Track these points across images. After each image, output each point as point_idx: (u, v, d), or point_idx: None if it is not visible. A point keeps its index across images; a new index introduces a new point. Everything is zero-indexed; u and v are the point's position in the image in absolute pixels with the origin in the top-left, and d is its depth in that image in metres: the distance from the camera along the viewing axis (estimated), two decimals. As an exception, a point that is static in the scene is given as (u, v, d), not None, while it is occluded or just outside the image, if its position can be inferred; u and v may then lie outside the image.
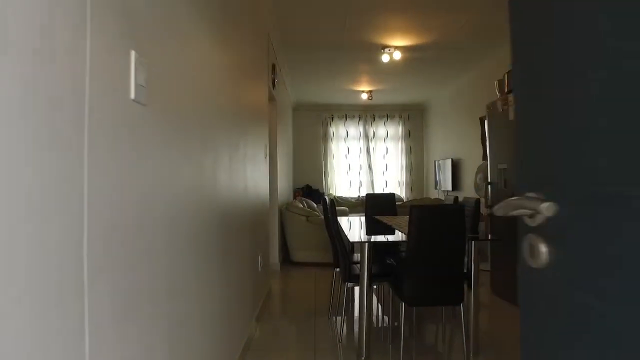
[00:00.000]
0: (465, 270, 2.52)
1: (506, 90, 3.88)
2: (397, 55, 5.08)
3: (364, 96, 7.51)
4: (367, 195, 4.50)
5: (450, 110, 7.24)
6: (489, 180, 4.07)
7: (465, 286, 2.50)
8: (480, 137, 5.91)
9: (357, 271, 2.93)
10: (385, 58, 5.13)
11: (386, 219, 3.74)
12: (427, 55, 5.36)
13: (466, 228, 2.36)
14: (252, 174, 3.05)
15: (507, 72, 3.87)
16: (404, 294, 2.41)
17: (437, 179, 7.82)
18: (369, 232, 3.09)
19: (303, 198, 6.53)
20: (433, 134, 8.37)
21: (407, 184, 8.94)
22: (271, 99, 5.00)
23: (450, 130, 7.28)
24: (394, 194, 4.53)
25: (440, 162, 7.62)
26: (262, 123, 3.67)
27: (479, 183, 5.38)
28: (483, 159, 5.80)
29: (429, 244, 2.32)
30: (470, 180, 6.37)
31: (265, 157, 3.82)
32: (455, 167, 6.98)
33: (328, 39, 4.82)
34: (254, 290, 3.08)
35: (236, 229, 2.46)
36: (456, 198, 3.17)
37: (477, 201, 3.85)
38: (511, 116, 3.60)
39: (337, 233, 3.00)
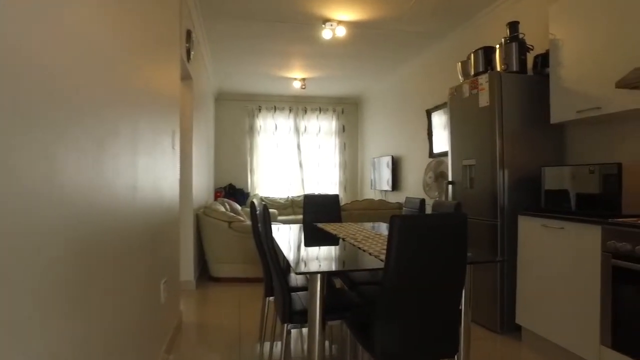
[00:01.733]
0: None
1: (473, 72, 3.28)
2: (341, 32, 4.31)
3: (297, 84, 6.68)
4: (306, 197, 3.66)
5: (392, 103, 6.67)
6: (450, 180, 3.45)
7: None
8: (427, 132, 5.37)
9: (300, 305, 2.08)
10: (326, 34, 4.34)
11: (331, 227, 2.94)
12: (373, 35, 4.67)
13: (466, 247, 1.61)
14: (148, 170, 2.07)
15: (474, 52, 3.27)
16: (376, 347, 1.61)
17: (373, 177, 7.24)
18: (309, 244, 2.26)
19: (225, 199, 5.52)
20: (370, 129, 7.78)
21: (340, 183, 8.27)
22: (185, 76, 3.97)
23: (391, 125, 6.71)
24: (337, 195, 3.75)
25: (377, 159, 7.04)
26: (169, 103, 2.67)
27: (429, 182, 4.82)
28: (430, 156, 5.27)
29: (418, 271, 1.54)
30: (413, 179, 5.82)
31: (173, 148, 2.82)
32: (396, 164, 6.42)
33: (259, 7, 3.90)
34: (154, 327, 2.11)
35: (117, 254, 1.49)
36: (458, 204, 2.50)
37: (422, 202, 3.21)
38: (483, 102, 2.99)
39: (271, 251, 2.13)
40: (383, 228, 2.97)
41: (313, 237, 2.72)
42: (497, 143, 2.90)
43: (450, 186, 3.46)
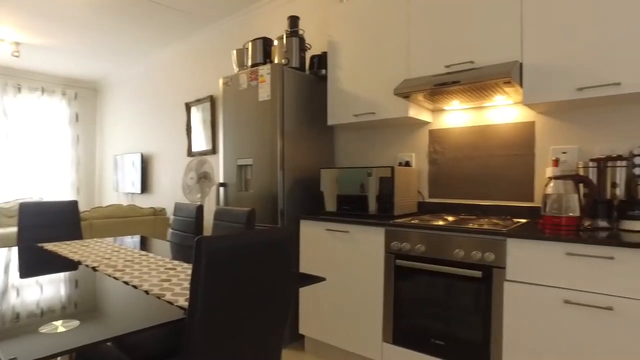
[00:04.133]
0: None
1: (250, 62, 2.98)
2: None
3: (7, 49, 4.91)
4: (23, 205, 2.56)
5: (143, 92, 5.74)
6: (222, 181, 3.05)
7: None
8: (185, 128, 4.80)
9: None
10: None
11: (68, 249, 2.07)
12: (125, 5, 3.78)
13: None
14: None
15: (252, 41, 2.97)
16: None
17: (116, 178, 6.11)
18: (26, 281, 1.44)
19: None
20: (113, 121, 6.54)
21: (72, 185, 6.65)
22: None
23: (141, 118, 5.77)
24: (75, 202, 2.78)
25: (121, 157, 5.96)
26: None
27: (190, 184, 4.27)
28: (189, 154, 4.73)
29: (239, 308, 1.07)
30: (168, 180, 5.14)
31: None
32: (146, 164, 5.56)
33: None
34: None
35: None
36: (252, 211, 2.01)
37: (200, 209, 2.77)
38: (263, 95, 2.72)
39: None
40: (157, 245, 2.30)
41: (34, 267, 1.81)
42: (278, 142, 2.68)
43: (221, 188, 3.07)
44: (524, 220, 2.16)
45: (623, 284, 1.52)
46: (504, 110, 2.39)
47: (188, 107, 4.76)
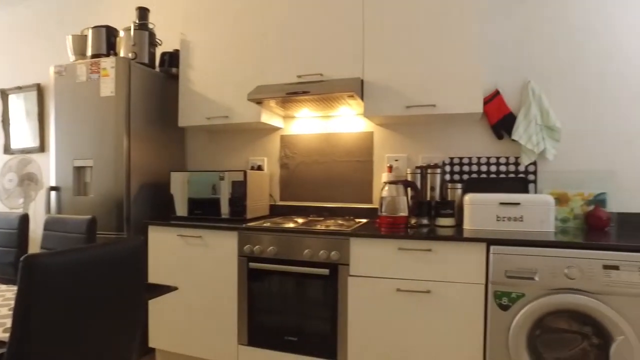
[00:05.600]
0: None
1: (90, 52, 2.66)
2: None
3: None
4: None
5: None
6: (54, 185, 2.67)
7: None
8: (1, 119, 4.03)
9: None
10: None
11: None
12: None
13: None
14: None
15: (94, 28, 2.66)
16: None
17: None
18: None
19: None
20: None
21: None
22: None
23: None
24: None
25: None
26: None
27: (10, 187, 3.61)
28: (6, 152, 3.99)
29: (72, 335, 0.97)
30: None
31: None
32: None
33: None
34: None
35: None
36: (93, 219, 1.72)
37: (24, 218, 2.41)
38: (106, 91, 2.46)
39: None
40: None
41: None
42: (124, 142, 2.47)
43: (53, 193, 2.68)
44: (365, 220, 2.42)
45: (438, 271, 1.84)
46: (348, 120, 2.64)
47: (4, 94, 4.02)
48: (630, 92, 2.17)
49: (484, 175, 2.36)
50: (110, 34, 2.68)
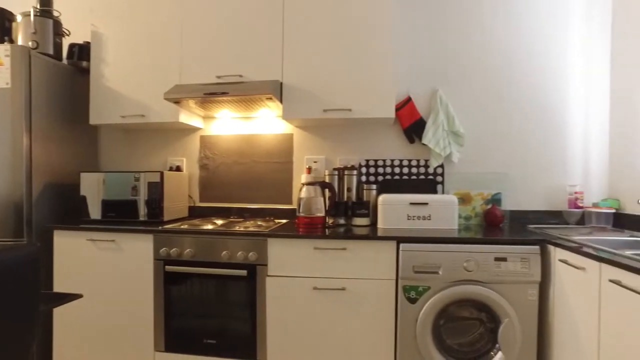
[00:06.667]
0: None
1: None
2: None
3: None
4: None
5: None
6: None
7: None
8: None
9: None
10: None
11: None
12: None
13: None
14: None
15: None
16: None
17: None
18: None
19: None
20: None
21: None
22: None
23: None
24: None
25: None
26: None
27: None
28: None
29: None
30: None
31: None
32: None
33: None
34: None
35: None
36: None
37: None
38: (1, 82, 2.24)
39: None
40: None
41: None
42: (23, 139, 2.26)
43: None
44: (284, 221, 2.46)
45: (352, 269, 1.93)
46: (268, 122, 2.66)
47: None
48: (521, 99, 2.44)
49: (397, 177, 2.51)
50: (4, 17, 2.45)
